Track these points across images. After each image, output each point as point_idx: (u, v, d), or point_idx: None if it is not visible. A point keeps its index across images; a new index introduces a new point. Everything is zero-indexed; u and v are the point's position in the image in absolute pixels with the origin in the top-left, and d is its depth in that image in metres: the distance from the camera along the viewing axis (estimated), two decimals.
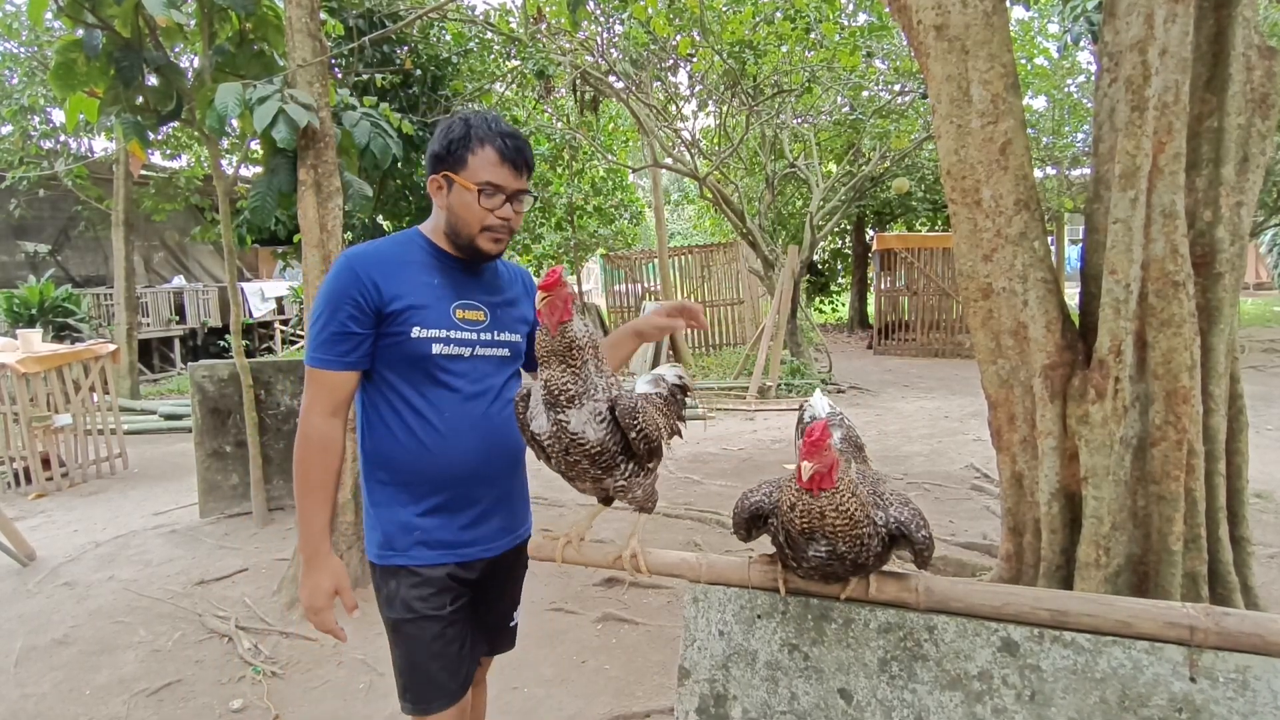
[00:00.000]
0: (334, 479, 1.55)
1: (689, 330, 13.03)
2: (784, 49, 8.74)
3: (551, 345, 1.32)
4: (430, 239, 1.61)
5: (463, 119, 1.55)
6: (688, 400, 1.61)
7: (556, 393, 1.31)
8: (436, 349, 1.54)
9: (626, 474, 1.35)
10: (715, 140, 11.59)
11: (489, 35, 8.84)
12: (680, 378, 1.59)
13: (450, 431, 1.55)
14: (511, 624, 1.84)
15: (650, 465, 1.40)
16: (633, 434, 1.31)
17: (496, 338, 1.63)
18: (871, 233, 16.99)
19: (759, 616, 1.38)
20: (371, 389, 1.58)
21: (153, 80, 4.08)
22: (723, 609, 1.41)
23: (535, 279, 1.68)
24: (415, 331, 1.52)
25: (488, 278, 1.67)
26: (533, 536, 1.61)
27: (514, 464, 1.69)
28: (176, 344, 14.16)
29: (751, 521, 1.31)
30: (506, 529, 1.68)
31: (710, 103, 10.31)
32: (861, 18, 9.75)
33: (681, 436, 1.56)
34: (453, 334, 1.56)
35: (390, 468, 1.57)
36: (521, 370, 1.74)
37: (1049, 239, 2.39)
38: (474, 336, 1.59)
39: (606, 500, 1.49)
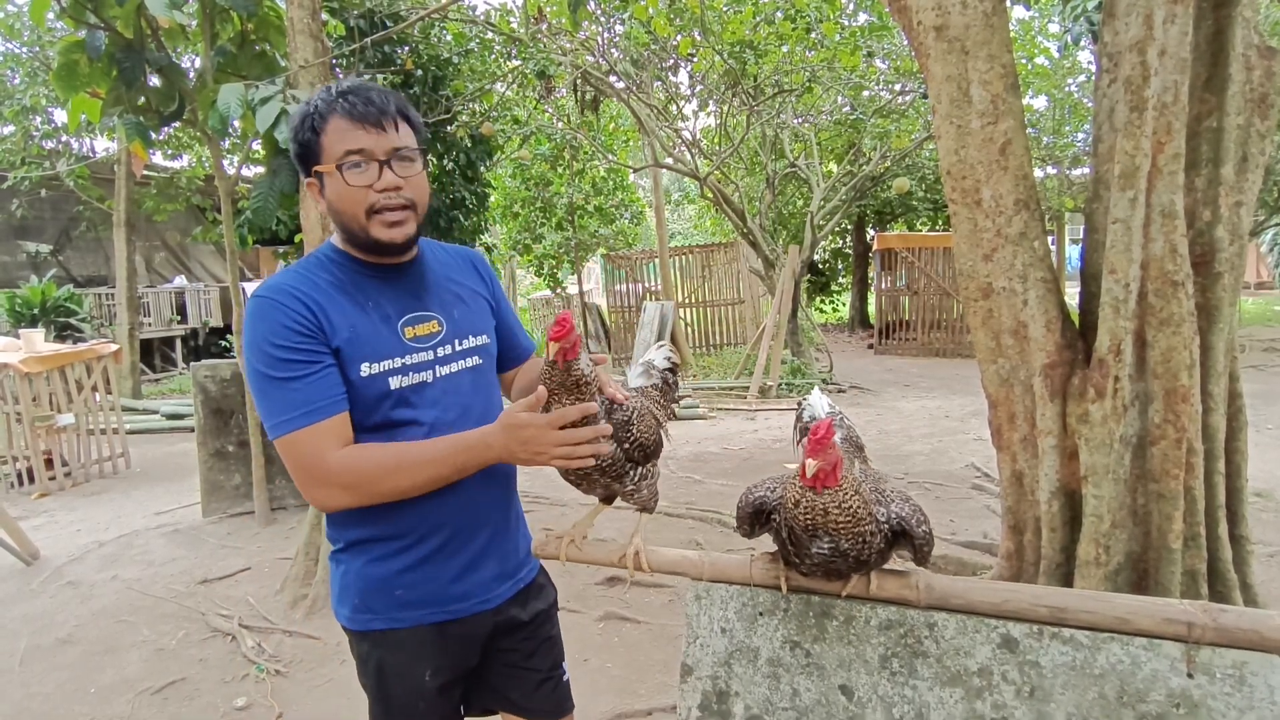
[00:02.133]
0: (395, 446, 1.26)
1: (689, 328, 13.08)
2: (784, 49, 8.75)
3: (560, 380, 1.28)
4: (342, 249, 1.34)
5: (303, 105, 1.28)
6: (680, 382, 1.61)
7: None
8: (395, 383, 1.28)
9: (636, 478, 1.37)
10: (716, 140, 11.60)
11: (490, 35, 8.85)
12: (669, 359, 1.61)
13: None
14: (564, 678, 1.58)
15: (654, 465, 1.42)
16: (626, 445, 1.32)
17: (459, 347, 1.37)
18: (872, 232, 16.99)
19: (761, 614, 1.39)
20: None
21: (155, 81, 4.09)
22: (725, 606, 1.42)
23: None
24: (365, 369, 1.26)
25: (431, 277, 1.39)
26: (535, 536, 1.60)
27: (504, 496, 1.46)
28: (178, 344, 14.20)
29: (755, 516, 1.32)
30: (504, 575, 1.45)
31: (711, 102, 10.32)
32: (862, 18, 9.76)
33: (675, 417, 1.56)
34: (409, 359, 1.30)
35: (364, 524, 1.33)
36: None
37: (1049, 238, 2.40)
38: (431, 355, 1.33)
39: (608, 499, 1.50)
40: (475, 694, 1.53)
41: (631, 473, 1.35)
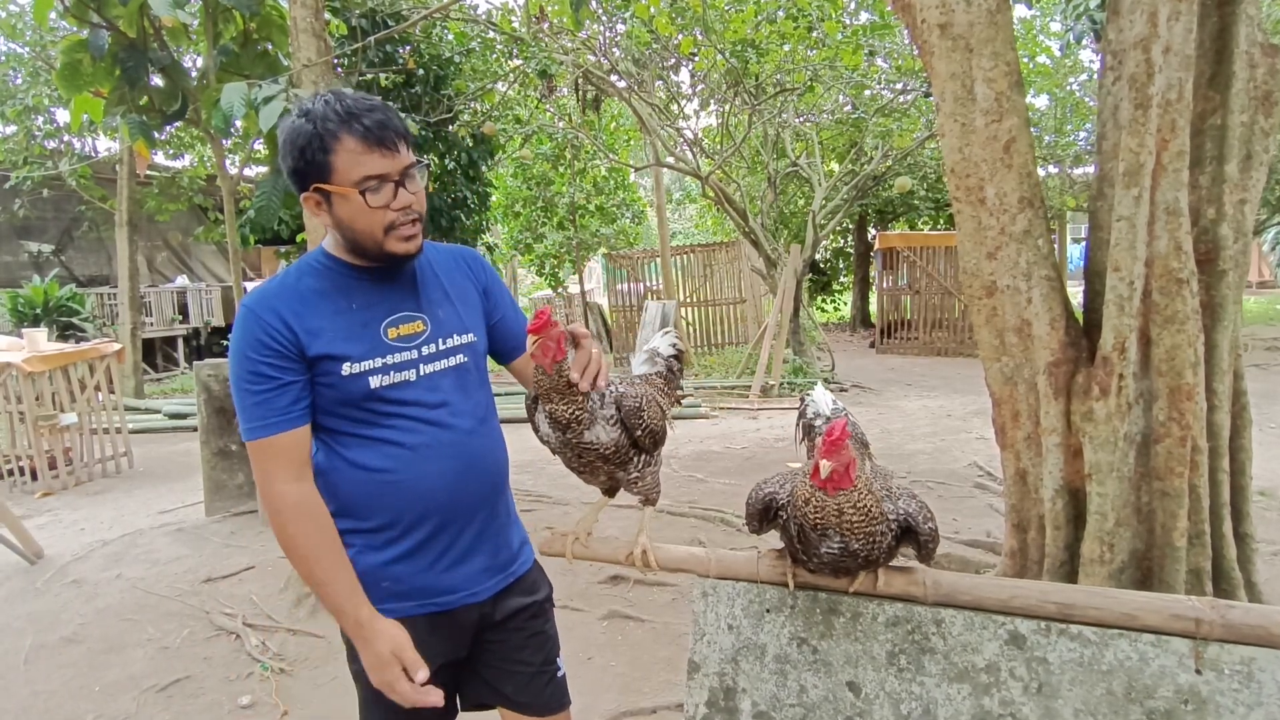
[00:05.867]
0: (335, 538, 1.34)
1: (691, 328, 13.09)
2: (786, 48, 8.74)
3: (551, 383, 1.31)
4: (335, 255, 1.38)
5: (303, 114, 1.28)
6: (683, 370, 1.62)
7: (565, 423, 1.33)
8: (375, 382, 1.33)
9: (640, 465, 1.38)
10: (717, 139, 11.59)
11: (491, 35, 8.85)
12: (674, 345, 1.61)
13: (410, 465, 1.35)
14: (559, 674, 1.57)
15: (657, 453, 1.43)
16: (638, 432, 1.33)
17: (444, 346, 1.41)
18: (874, 231, 16.98)
19: (768, 611, 1.39)
20: (317, 434, 1.38)
21: (157, 80, 4.10)
22: (732, 603, 1.42)
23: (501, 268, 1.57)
24: (346, 369, 1.32)
25: (419, 278, 1.43)
26: (539, 535, 1.60)
27: (493, 489, 1.46)
28: (180, 343, 14.21)
29: (764, 512, 1.32)
30: (494, 568, 1.46)
31: (712, 102, 10.31)
32: (864, 16, 9.75)
33: (681, 404, 1.58)
34: (391, 359, 1.35)
35: (349, 514, 1.37)
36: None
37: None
38: (415, 355, 1.37)
39: (610, 491, 1.50)
40: (469, 687, 1.53)
41: (635, 459, 1.36)
